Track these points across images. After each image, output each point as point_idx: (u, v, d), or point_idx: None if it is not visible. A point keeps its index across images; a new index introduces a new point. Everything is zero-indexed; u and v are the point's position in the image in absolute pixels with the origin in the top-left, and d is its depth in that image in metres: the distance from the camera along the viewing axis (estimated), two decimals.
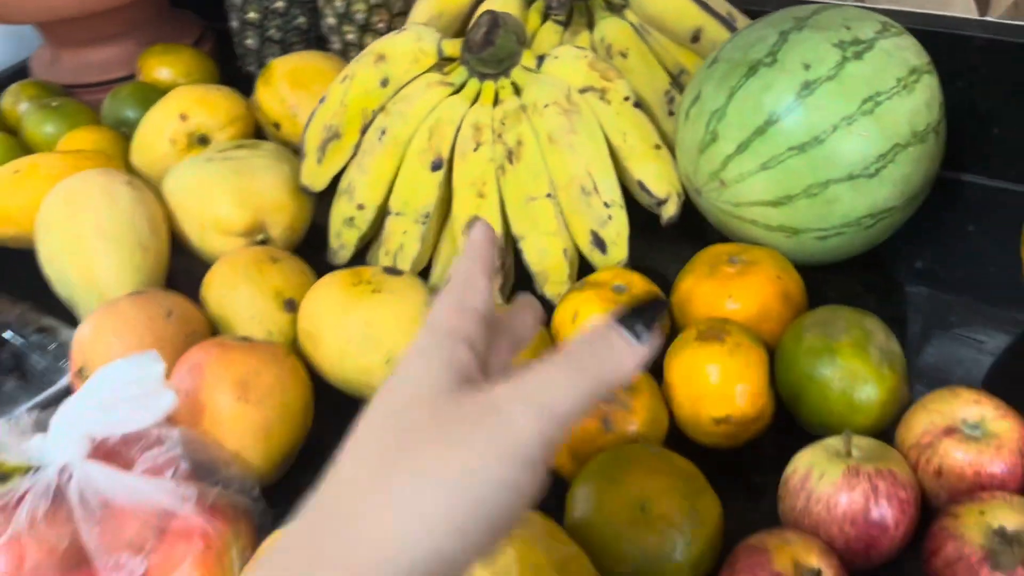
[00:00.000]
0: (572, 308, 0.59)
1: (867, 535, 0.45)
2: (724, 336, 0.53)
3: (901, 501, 0.45)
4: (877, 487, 0.45)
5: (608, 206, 0.65)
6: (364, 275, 0.60)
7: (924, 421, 0.49)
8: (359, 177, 0.71)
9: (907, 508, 0.45)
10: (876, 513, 0.45)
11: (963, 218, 0.70)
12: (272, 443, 0.54)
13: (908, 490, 0.45)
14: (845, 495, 0.45)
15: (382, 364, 0.57)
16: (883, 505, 0.45)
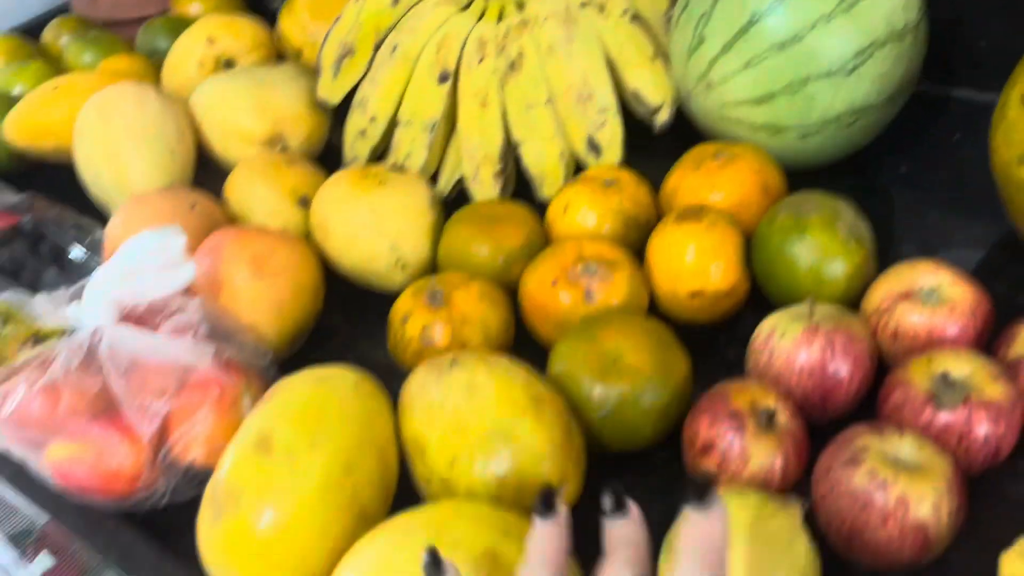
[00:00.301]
0: (564, 201, 0.63)
1: (823, 387, 0.48)
2: (702, 216, 0.56)
3: (856, 356, 0.48)
4: (834, 342, 0.48)
5: (603, 111, 0.69)
6: (371, 171, 0.65)
7: (884, 289, 0.52)
8: (372, 91, 0.75)
9: (862, 363, 0.49)
10: (832, 367, 0.48)
11: (949, 129, 0.72)
12: (284, 317, 0.59)
13: (863, 346, 0.49)
14: (804, 351, 0.49)
15: (386, 250, 0.62)
16: (839, 359, 0.48)
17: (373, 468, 0.46)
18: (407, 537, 0.39)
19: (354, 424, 0.46)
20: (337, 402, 0.47)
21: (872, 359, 0.49)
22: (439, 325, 0.54)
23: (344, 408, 0.47)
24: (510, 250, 0.60)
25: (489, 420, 0.45)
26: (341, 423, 0.46)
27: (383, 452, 0.47)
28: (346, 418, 0.46)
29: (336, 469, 0.44)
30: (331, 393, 0.47)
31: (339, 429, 0.46)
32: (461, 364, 0.48)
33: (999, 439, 0.44)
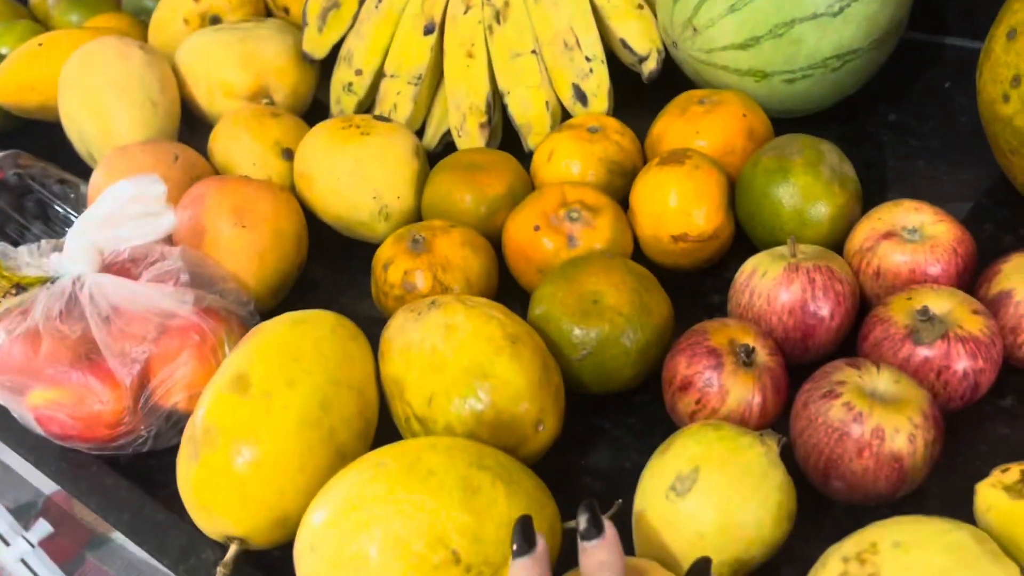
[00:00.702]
0: (549, 148, 0.62)
1: (804, 324, 0.48)
2: (684, 160, 0.56)
3: (837, 293, 0.48)
4: (814, 280, 0.48)
5: (589, 60, 0.68)
6: (354, 120, 0.64)
7: (866, 228, 0.51)
8: (357, 44, 0.75)
9: (843, 301, 0.48)
10: (812, 305, 0.48)
11: (940, 78, 0.71)
12: (266, 266, 0.59)
13: (845, 284, 0.48)
14: (784, 289, 0.48)
15: (369, 199, 0.62)
16: (819, 297, 0.48)
17: (351, 407, 0.46)
18: (379, 469, 0.39)
19: (331, 363, 0.46)
20: (314, 342, 0.47)
21: (854, 298, 0.49)
22: (420, 271, 0.54)
23: (321, 348, 0.47)
24: (493, 198, 0.60)
25: (466, 358, 0.45)
26: (318, 362, 0.46)
27: (362, 392, 0.47)
28: (323, 358, 0.46)
29: (313, 407, 0.44)
30: (308, 333, 0.47)
31: (316, 368, 0.46)
32: (439, 306, 0.48)
33: (978, 374, 0.44)
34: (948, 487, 0.44)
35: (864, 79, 0.65)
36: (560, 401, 0.47)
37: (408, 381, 0.46)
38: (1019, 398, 0.48)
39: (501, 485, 0.39)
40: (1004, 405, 0.48)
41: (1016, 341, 0.46)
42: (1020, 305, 0.46)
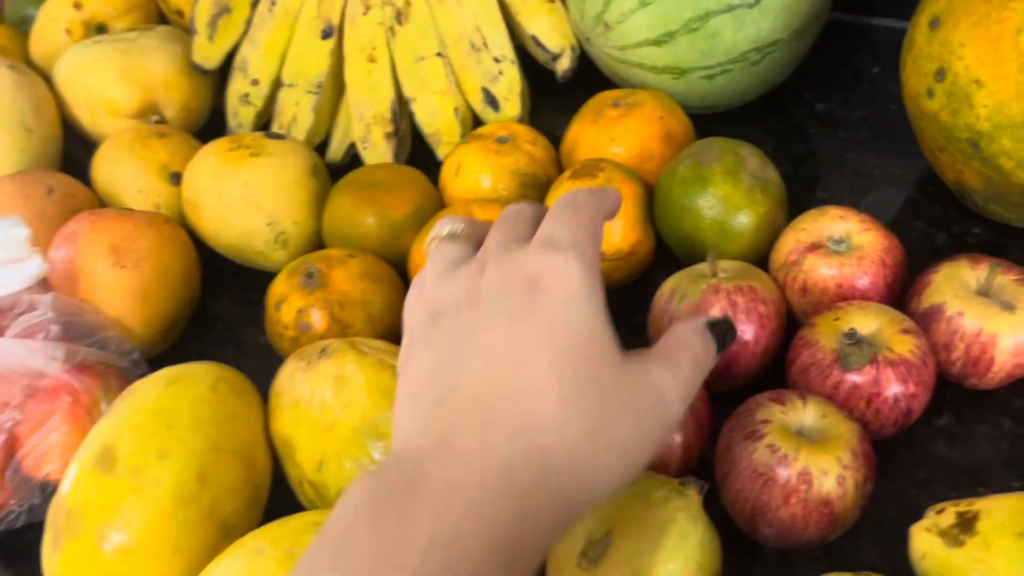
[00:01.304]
0: (456, 162, 0.58)
1: (727, 352, 0.45)
2: (597, 172, 0.52)
3: (760, 316, 0.45)
4: (736, 303, 0.44)
5: (498, 61, 0.64)
6: (243, 140, 0.59)
7: (791, 240, 0.48)
8: (252, 51, 0.69)
9: (767, 323, 0.45)
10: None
11: (870, 61, 0.68)
12: (151, 307, 0.54)
13: (769, 305, 0.45)
14: (704, 315, 0.45)
15: (263, 226, 0.57)
16: (742, 321, 0.44)
17: (235, 475, 0.42)
18: (256, 558, 0.35)
19: (211, 428, 0.42)
20: (191, 404, 0.42)
21: (779, 317, 0.46)
22: (315, 309, 0.50)
23: (199, 411, 0.42)
24: (398, 220, 0.55)
25: (357, 416, 0.41)
26: (195, 428, 0.41)
27: (248, 457, 0.43)
28: (201, 422, 0.42)
29: (188, 480, 0.40)
30: (184, 394, 0.43)
31: (192, 435, 0.41)
32: (330, 354, 0.43)
33: (910, 399, 0.41)
34: (884, 522, 0.41)
35: (788, 70, 0.62)
36: None
37: (298, 442, 0.42)
38: (956, 416, 0.45)
39: None
40: (940, 424, 0.45)
41: (949, 358, 0.43)
42: (951, 320, 0.43)
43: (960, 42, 0.46)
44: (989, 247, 0.53)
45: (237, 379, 0.45)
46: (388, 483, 0.27)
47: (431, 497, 0.26)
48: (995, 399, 0.45)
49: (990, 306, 0.43)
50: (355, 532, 0.26)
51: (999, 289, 0.44)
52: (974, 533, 0.34)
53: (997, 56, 0.44)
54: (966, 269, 0.45)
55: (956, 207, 0.55)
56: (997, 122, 0.45)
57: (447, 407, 0.29)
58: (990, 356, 0.42)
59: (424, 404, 0.29)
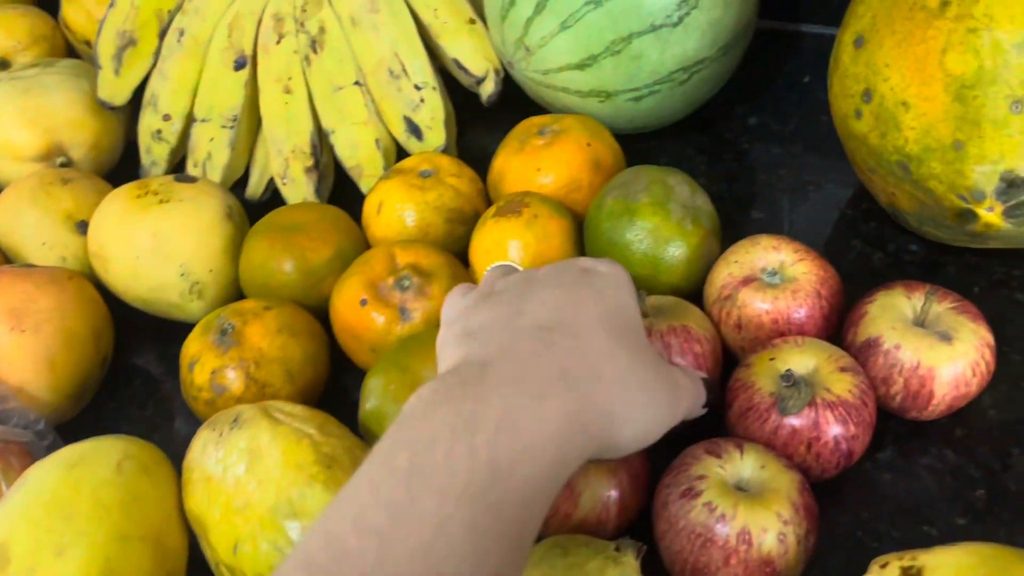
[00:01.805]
0: (378, 199, 0.55)
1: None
2: (521, 209, 0.50)
3: (696, 356, 0.43)
4: (670, 345, 0.43)
5: (419, 88, 0.61)
6: (151, 185, 0.56)
7: (724, 274, 0.46)
8: (162, 85, 0.66)
9: (703, 363, 0.43)
10: None
11: (800, 70, 0.67)
12: (57, 372, 0.50)
13: (704, 344, 0.43)
14: None
15: (176, 278, 0.54)
16: (676, 363, 0.43)
17: (144, 563, 0.39)
18: None
19: (115, 514, 0.39)
20: (92, 491, 0.39)
21: (715, 356, 0.44)
22: (231, 369, 0.47)
23: (101, 497, 0.39)
24: (317, 265, 0.53)
25: (272, 494, 0.38)
26: (97, 517, 0.38)
27: (159, 541, 0.40)
28: (104, 510, 0.39)
29: (92, 575, 0.37)
30: (84, 480, 0.40)
31: (94, 525, 0.38)
32: (242, 424, 0.41)
33: (850, 440, 0.40)
34: (830, 571, 0.40)
35: (717, 86, 0.60)
36: None
37: (210, 522, 0.39)
38: (899, 448, 0.44)
39: None
40: (883, 458, 0.44)
41: (889, 392, 0.42)
42: (889, 354, 0.42)
43: (885, 62, 0.44)
44: (926, 265, 0.52)
45: (146, 453, 0.43)
46: (458, 377, 0.30)
47: (500, 386, 0.29)
48: (937, 429, 0.44)
49: (927, 337, 0.41)
50: (432, 411, 0.28)
51: (935, 319, 0.42)
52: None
53: (923, 77, 0.43)
54: (901, 298, 0.43)
55: (891, 224, 0.54)
56: (926, 145, 0.43)
57: (510, 330, 0.32)
58: (929, 389, 0.41)
59: (483, 335, 0.32)
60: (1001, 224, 0.43)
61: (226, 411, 0.43)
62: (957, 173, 0.43)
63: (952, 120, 0.42)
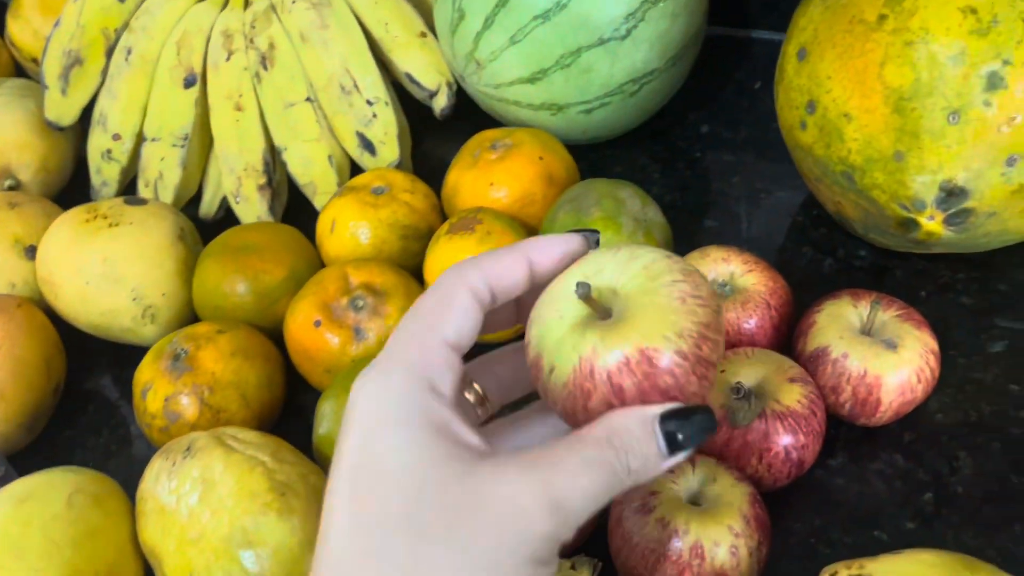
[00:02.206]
0: (330, 216, 0.55)
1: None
2: (474, 226, 0.50)
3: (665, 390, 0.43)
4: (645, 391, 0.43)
5: (371, 104, 0.61)
6: (100, 209, 0.55)
7: None
8: (110, 104, 0.65)
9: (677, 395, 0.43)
10: None
11: (750, 76, 0.68)
12: (9, 402, 0.49)
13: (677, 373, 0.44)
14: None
15: (128, 302, 0.53)
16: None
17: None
18: None
19: (67, 551, 0.38)
20: (42, 527, 0.39)
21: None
22: (184, 395, 0.46)
23: (52, 533, 0.39)
24: (271, 286, 0.52)
25: (226, 523, 0.38)
26: (48, 554, 0.38)
27: (112, 574, 0.39)
28: (55, 546, 0.38)
29: None
30: (35, 516, 0.39)
31: (45, 563, 0.38)
32: (195, 452, 0.40)
33: (800, 450, 0.40)
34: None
35: (668, 96, 0.60)
36: None
37: (165, 554, 0.39)
38: (849, 455, 0.45)
39: None
40: (835, 465, 0.45)
41: (838, 400, 0.43)
42: (837, 363, 0.42)
43: (827, 74, 0.45)
44: (874, 270, 0.53)
45: (98, 484, 0.42)
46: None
47: None
48: (887, 435, 0.45)
49: (873, 346, 0.42)
50: None
51: (881, 327, 0.43)
52: None
53: (863, 89, 0.44)
54: (848, 307, 0.44)
55: (840, 230, 0.55)
56: (868, 156, 0.44)
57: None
58: (876, 397, 0.42)
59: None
60: (942, 232, 0.44)
61: (179, 439, 0.42)
62: (899, 183, 0.43)
63: (892, 131, 0.43)
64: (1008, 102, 0.41)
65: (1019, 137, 0.41)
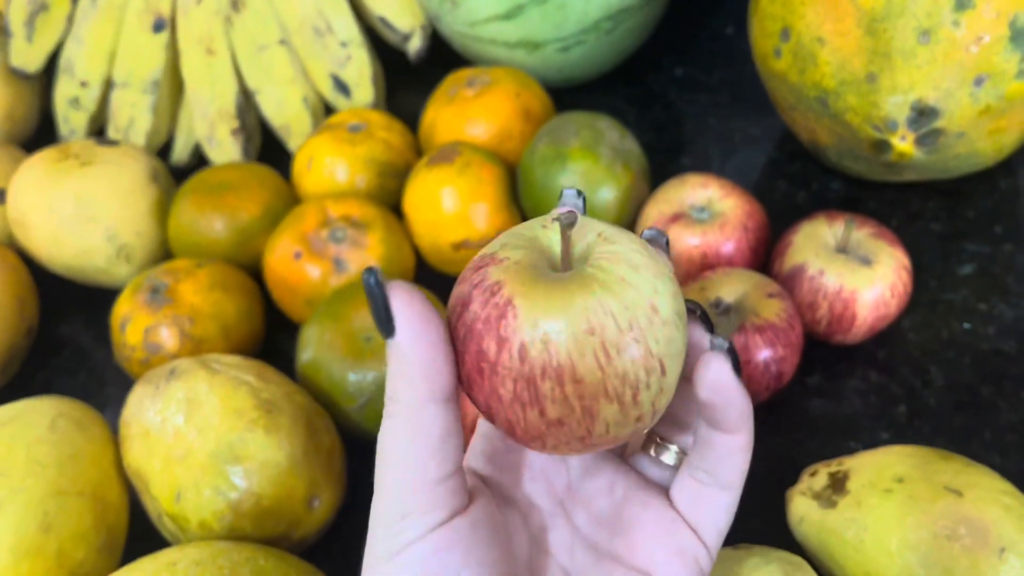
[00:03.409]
0: (307, 155, 0.55)
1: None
2: (454, 157, 0.50)
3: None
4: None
5: (345, 45, 0.60)
6: (71, 150, 0.54)
7: (654, 213, 0.47)
8: (77, 50, 0.64)
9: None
10: None
11: (723, 22, 0.68)
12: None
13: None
14: None
15: (102, 242, 0.52)
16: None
17: (84, 519, 0.38)
18: None
19: (51, 470, 0.38)
20: (26, 447, 0.38)
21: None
22: (164, 327, 0.46)
23: (35, 454, 0.38)
24: (247, 222, 0.52)
25: (212, 440, 0.38)
26: (33, 473, 0.37)
27: (98, 496, 0.39)
28: (40, 466, 0.38)
29: (30, 531, 0.36)
30: (18, 437, 0.39)
31: (30, 481, 0.37)
32: (179, 375, 0.40)
33: (779, 362, 0.41)
34: (766, 489, 0.41)
35: (643, 37, 0.61)
36: (337, 466, 0.41)
37: (151, 474, 0.39)
38: (826, 372, 0.46)
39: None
40: (812, 383, 0.46)
41: (815, 317, 0.44)
42: (813, 280, 0.43)
43: (801, 0, 0.46)
44: (847, 201, 0.54)
45: (80, 412, 0.42)
46: None
47: None
48: (861, 353, 0.46)
49: (849, 262, 0.43)
50: None
51: (856, 244, 0.44)
52: (845, 493, 0.35)
53: (836, 13, 0.44)
54: (823, 227, 0.45)
55: (814, 164, 0.56)
56: (841, 79, 0.45)
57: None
58: (852, 312, 0.43)
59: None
60: (913, 153, 0.45)
61: (160, 366, 0.42)
62: (872, 105, 0.44)
63: (865, 53, 0.44)
64: (976, 22, 0.42)
65: (986, 57, 0.42)
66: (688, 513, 0.26)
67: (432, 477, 0.23)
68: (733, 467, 0.25)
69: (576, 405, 0.22)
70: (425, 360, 0.22)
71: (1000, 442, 0.42)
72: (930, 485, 0.33)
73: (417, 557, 0.23)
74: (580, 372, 0.21)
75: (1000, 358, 0.45)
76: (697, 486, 0.26)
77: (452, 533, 0.23)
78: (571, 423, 0.22)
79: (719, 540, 0.26)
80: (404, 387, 0.23)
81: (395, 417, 0.23)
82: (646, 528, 0.26)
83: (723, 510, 0.26)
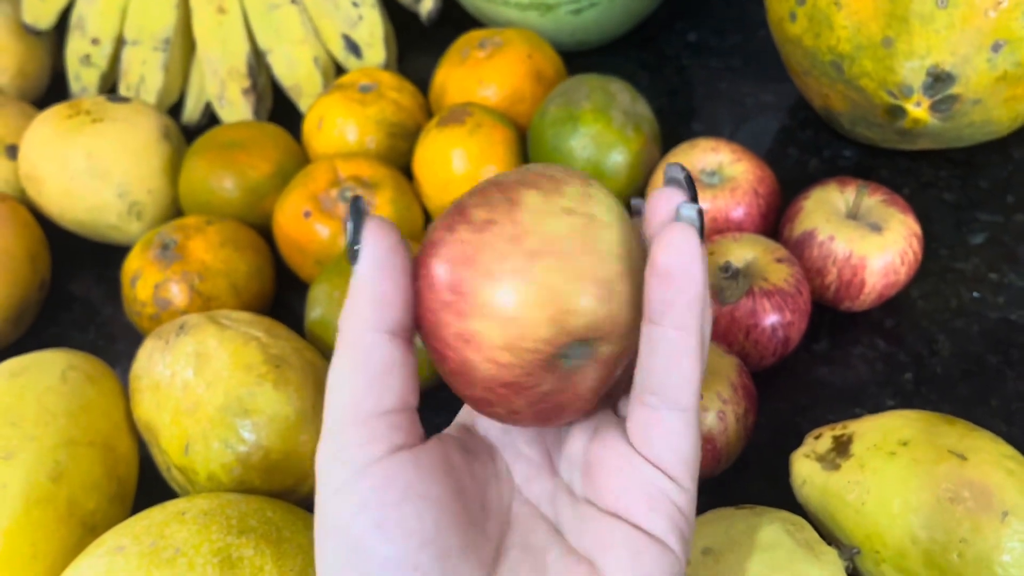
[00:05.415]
0: (318, 114, 0.54)
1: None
2: (464, 118, 0.50)
3: None
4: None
5: (357, 5, 0.60)
6: (82, 106, 0.54)
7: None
8: (89, 7, 0.64)
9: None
10: None
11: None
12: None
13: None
14: None
15: (114, 198, 0.53)
16: None
17: (94, 468, 0.39)
18: (117, 556, 0.33)
19: (62, 420, 0.38)
20: (37, 397, 0.39)
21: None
22: (174, 283, 0.46)
23: (47, 403, 0.39)
24: (258, 181, 0.52)
25: (222, 394, 0.38)
26: (44, 423, 0.38)
27: (108, 446, 0.40)
28: (51, 415, 0.38)
29: (40, 479, 0.37)
30: (29, 387, 0.39)
31: (42, 430, 0.38)
32: (188, 330, 0.40)
33: (787, 327, 0.41)
34: (769, 452, 0.42)
35: (656, 1, 0.60)
36: None
37: (160, 426, 0.39)
38: (833, 339, 0.46)
39: (267, 547, 0.33)
40: (819, 349, 0.46)
41: (824, 283, 0.44)
42: (823, 245, 0.43)
43: None
44: (859, 169, 0.53)
45: (90, 365, 0.42)
46: None
47: None
48: (868, 320, 0.46)
49: (859, 228, 0.43)
50: None
51: (867, 211, 0.44)
52: (849, 456, 0.35)
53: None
54: (835, 193, 0.45)
55: (826, 131, 0.55)
56: (857, 43, 0.44)
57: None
58: (861, 278, 0.43)
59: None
60: (928, 119, 0.44)
61: (171, 322, 0.42)
62: (887, 70, 0.44)
63: (882, 17, 0.43)
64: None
65: (1005, 22, 0.42)
66: (643, 446, 0.23)
67: (368, 408, 0.22)
68: (681, 377, 0.22)
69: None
70: (377, 290, 0.22)
71: (1006, 410, 0.42)
72: (934, 449, 0.33)
73: (355, 492, 0.22)
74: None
75: (1008, 327, 0.45)
76: (647, 413, 0.23)
77: (392, 467, 0.22)
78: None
79: (687, 469, 0.23)
80: (352, 316, 0.22)
81: (339, 347, 0.22)
82: (608, 468, 0.24)
83: (679, 435, 0.23)
